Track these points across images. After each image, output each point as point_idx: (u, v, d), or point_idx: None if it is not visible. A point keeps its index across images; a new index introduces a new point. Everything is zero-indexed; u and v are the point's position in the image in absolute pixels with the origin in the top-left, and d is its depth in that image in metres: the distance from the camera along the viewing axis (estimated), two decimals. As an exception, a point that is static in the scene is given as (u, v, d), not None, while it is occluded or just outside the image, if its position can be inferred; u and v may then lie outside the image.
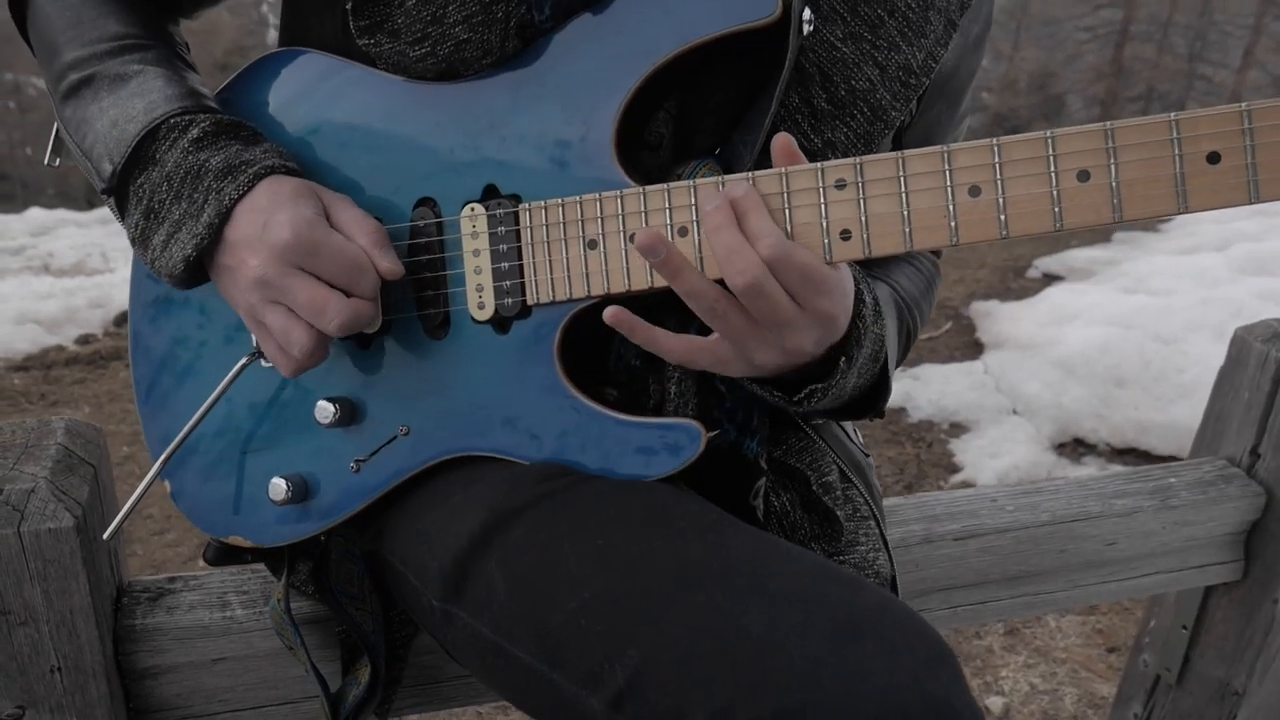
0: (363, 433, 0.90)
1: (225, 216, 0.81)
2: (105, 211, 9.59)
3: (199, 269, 0.85)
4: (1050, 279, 5.37)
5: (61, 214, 9.31)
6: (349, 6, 0.83)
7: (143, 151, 0.84)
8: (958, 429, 3.60)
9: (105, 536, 0.88)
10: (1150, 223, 7.04)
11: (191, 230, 0.82)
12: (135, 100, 0.85)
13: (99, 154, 0.86)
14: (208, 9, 1.03)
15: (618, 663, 0.69)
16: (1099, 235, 6.53)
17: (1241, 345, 1.40)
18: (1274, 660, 1.41)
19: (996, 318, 4.57)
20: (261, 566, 1.04)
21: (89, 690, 0.92)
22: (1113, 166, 0.66)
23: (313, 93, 0.91)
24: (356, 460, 0.90)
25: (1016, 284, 5.32)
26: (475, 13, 0.81)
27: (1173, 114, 0.63)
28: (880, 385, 0.89)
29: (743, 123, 0.86)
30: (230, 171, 0.81)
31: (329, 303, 0.79)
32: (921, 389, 3.82)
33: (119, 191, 0.86)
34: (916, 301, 1.00)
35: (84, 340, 4.88)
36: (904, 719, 0.61)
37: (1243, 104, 0.63)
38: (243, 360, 0.90)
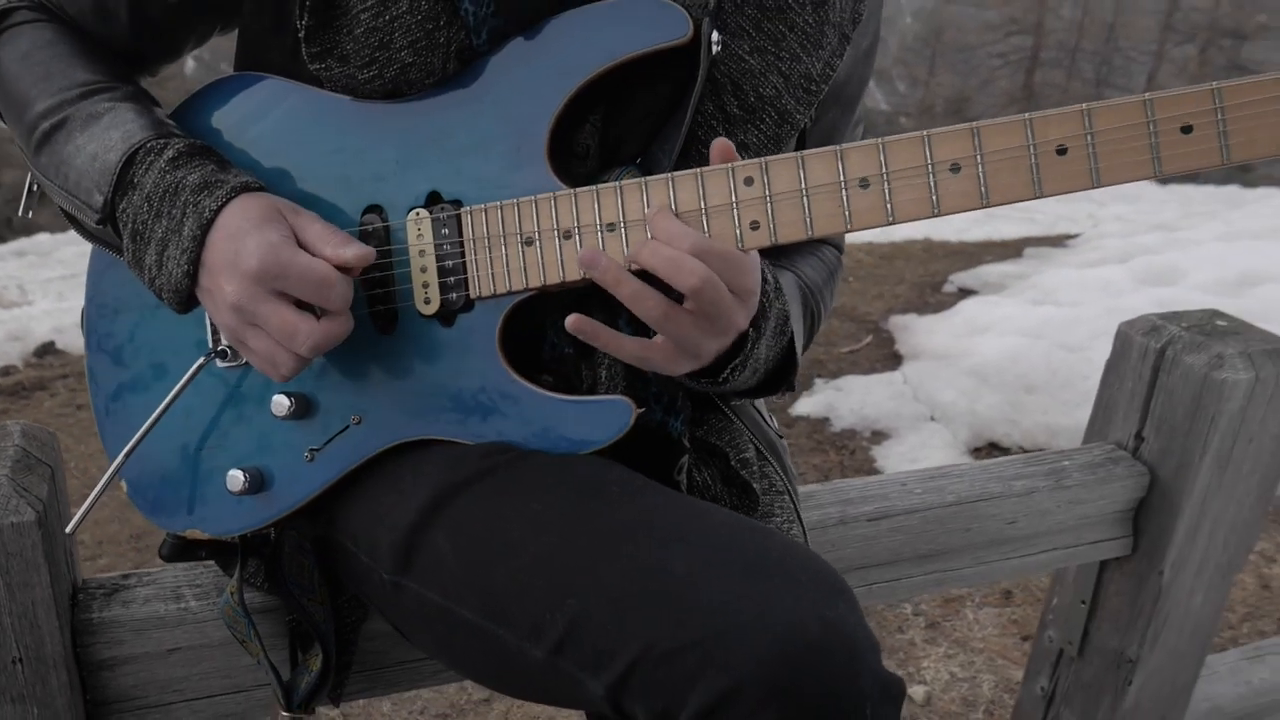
0: (316, 424, 0.96)
1: (206, 227, 0.85)
2: (20, 244, 9.36)
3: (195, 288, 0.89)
4: (965, 293, 5.56)
5: (-26, 247, 9.06)
6: (301, 35, 0.89)
7: (123, 178, 0.89)
8: (879, 436, 3.73)
9: (68, 530, 0.92)
10: (1058, 238, 7.34)
11: (179, 245, 0.86)
12: (111, 132, 0.90)
13: (86, 188, 0.90)
14: (168, 64, 1.08)
15: (558, 612, 0.78)
16: (1011, 251, 6.79)
17: (1124, 339, 1.52)
18: (1163, 628, 1.53)
19: (914, 330, 4.73)
20: (226, 589, 1.09)
21: (49, 680, 0.96)
22: (979, 158, 0.77)
23: (263, 112, 0.97)
24: (311, 450, 0.96)
25: (933, 298, 5.51)
26: (419, 39, 0.88)
27: (1027, 114, 0.75)
28: (788, 360, 0.99)
29: (661, 132, 0.95)
30: (206, 187, 0.86)
31: (298, 329, 0.84)
32: (844, 399, 3.94)
33: (111, 219, 0.90)
34: (819, 288, 1.10)
35: (4, 372, 4.79)
36: (804, 642, 0.71)
37: (1084, 104, 0.75)
38: (199, 361, 0.95)
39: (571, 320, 0.84)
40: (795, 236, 0.82)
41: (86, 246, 1.02)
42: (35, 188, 1.00)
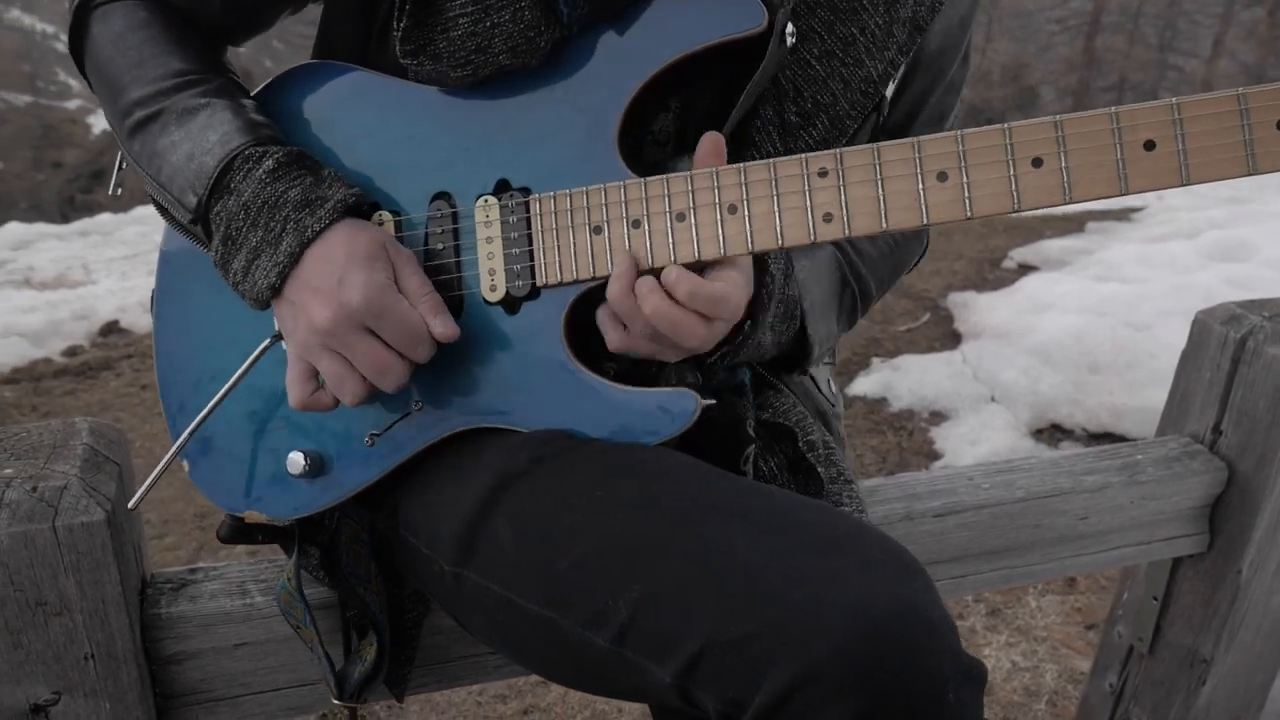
0: (378, 409, 0.97)
1: (305, 246, 0.88)
2: (84, 224, 9.56)
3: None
4: (1025, 269, 5.46)
5: (40, 228, 9.27)
6: (397, 35, 0.89)
7: (220, 183, 0.90)
8: (938, 417, 3.67)
9: (130, 506, 0.93)
10: (1123, 212, 7.15)
11: (272, 258, 0.88)
12: (208, 133, 0.91)
13: (180, 187, 0.92)
14: (258, 35, 1.09)
15: (621, 599, 0.76)
16: (1073, 225, 6.64)
17: (1202, 328, 1.47)
18: (1239, 629, 1.48)
19: (973, 308, 4.66)
20: (279, 556, 1.10)
21: (120, 676, 0.97)
22: (1062, 154, 0.73)
23: (338, 100, 0.99)
24: (371, 434, 0.97)
25: (993, 275, 5.41)
26: (519, 44, 0.88)
27: (1113, 108, 0.71)
28: (803, 342, 1.00)
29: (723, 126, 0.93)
30: (308, 205, 0.88)
31: (391, 367, 0.88)
32: (901, 379, 3.89)
33: (203, 220, 0.92)
34: (873, 262, 1.09)
35: (71, 352, 4.90)
36: (881, 624, 0.68)
37: (1174, 99, 0.72)
38: (265, 342, 0.96)
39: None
40: (869, 230, 0.80)
41: (149, 226, 1.05)
42: (124, 166, 1.02)
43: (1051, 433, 3.50)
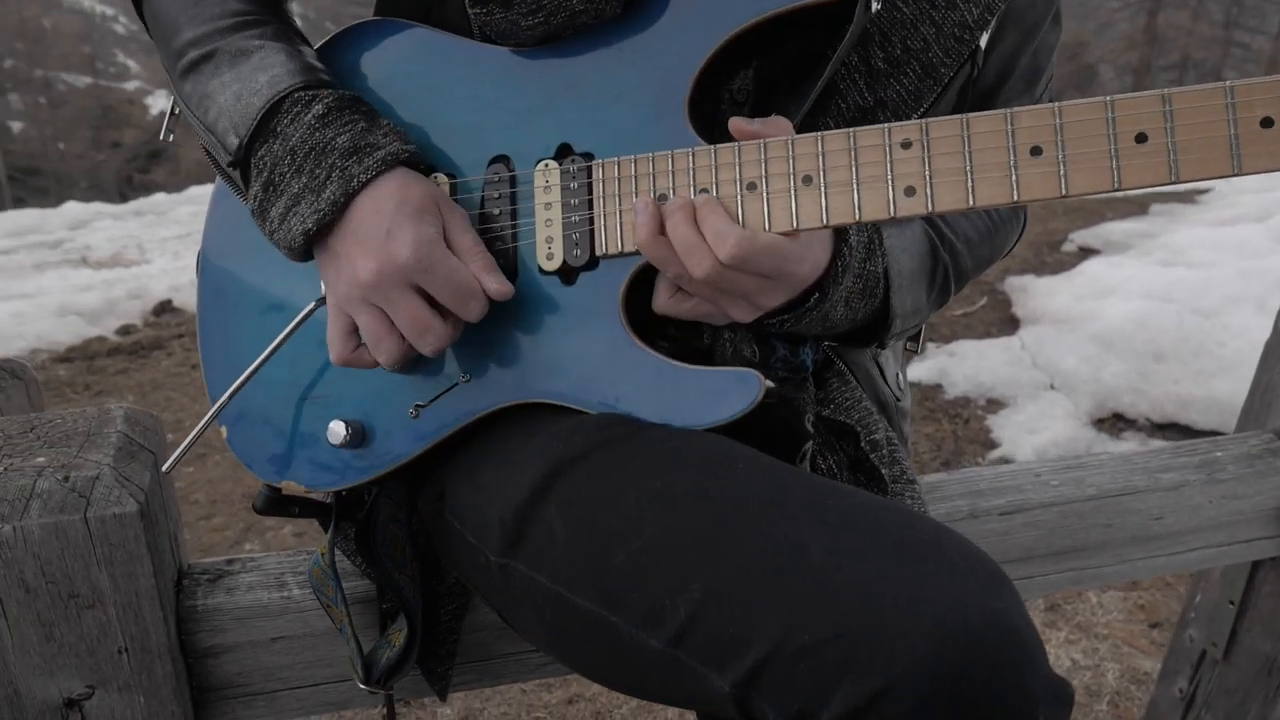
0: (424, 379, 0.93)
1: (351, 196, 0.84)
2: (140, 203, 9.70)
3: (312, 245, 0.88)
4: (1086, 252, 5.31)
5: (97, 207, 9.44)
6: None
7: (265, 125, 0.87)
8: (995, 405, 3.58)
9: (165, 469, 0.91)
10: (1188, 194, 6.94)
11: (312, 205, 0.84)
12: (258, 74, 0.88)
13: (224, 128, 0.89)
14: None
15: (680, 597, 0.70)
16: (1135, 207, 6.45)
17: (1288, 317, 1.38)
18: (1323, 634, 1.40)
19: (1032, 292, 4.53)
20: (317, 549, 1.07)
21: (155, 670, 0.95)
22: (1169, 129, 0.66)
23: (401, 58, 0.95)
24: (416, 405, 0.93)
25: (1052, 258, 5.27)
26: None
27: (1227, 81, 0.64)
28: (882, 318, 0.94)
29: (800, 84, 0.88)
30: (356, 152, 0.84)
31: (431, 327, 0.84)
32: (957, 365, 3.80)
33: (243, 164, 0.89)
34: (971, 241, 1.02)
35: (124, 331, 4.95)
36: (967, 637, 0.62)
37: None
38: (310, 306, 0.93)
39: None
40: (954, 205, 0.74)
41: (203, 206, 1.01)
42: (177, 111, 1.00)
43: (1114, 422, 3.40)
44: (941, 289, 1.00)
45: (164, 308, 5.48)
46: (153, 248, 7.21)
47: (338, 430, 0.93)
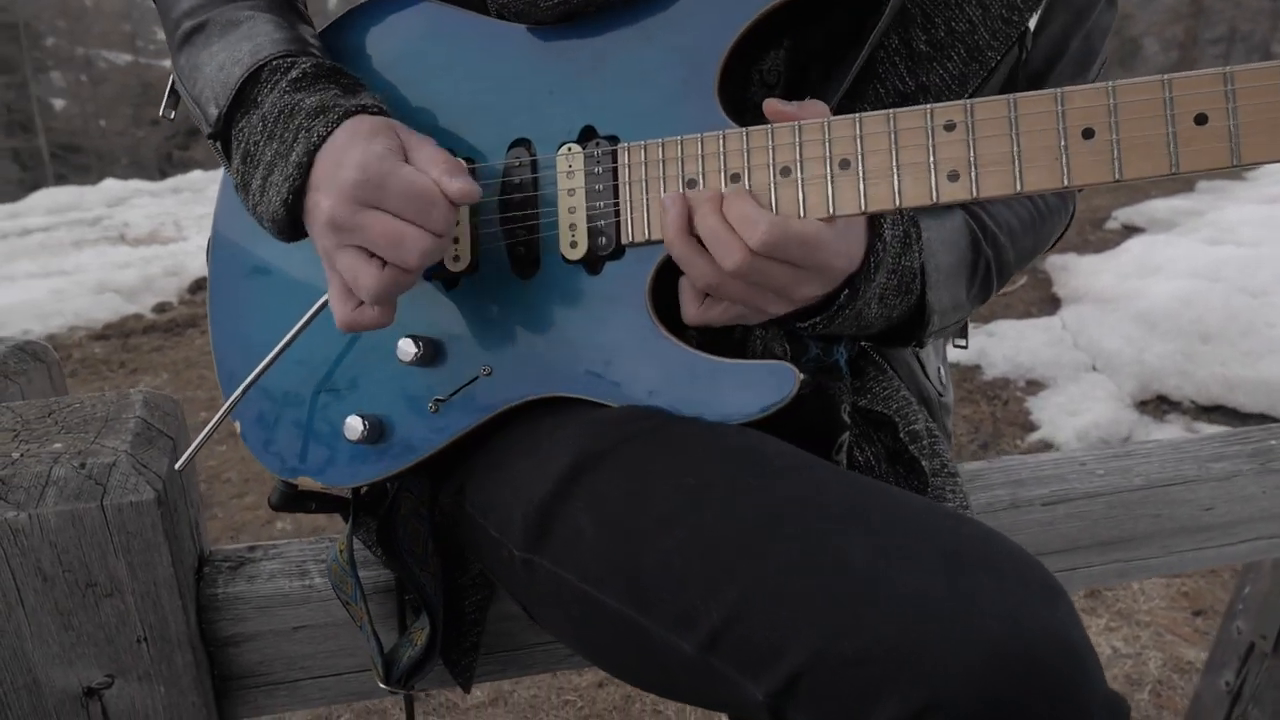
0: (444, 372, 0.90)
1: (313, 152, 0.79)
2: (177, 180, 9.78)
3: (298, 216, 0.83)
4: (1130, 230, 5.20)
5: (135, 184, 9.52)
6: None
7: (244, 95, 0.84)
8: (1035, 386, 3.51)
9: (177, 467, 0.89)
10: (1236, 170, 6.78)
11: (283, 171, 0.81)
12: (243, 44, 0.85)
13: (206, 98, 0.86)
14: None
15: (713, 601, 0.67)
16: (1181, 184, 6.31)
17: (1349, 299, 1.32)
18: (1380, 629, 1.35)
19: (1074, 271, 4.44)
20: (340, 534, 1.04)
21: (174, 659, 0.93)
22: (1231, 110, 0.62)
23: (412, 36, 0.91)
24: (436, 400, 0.90)
25: (1095, 236, 5.16)
26: None
27: (1297, 56, 0.60)
28: (919, 315, 0.89)
29: (836, 66, 0.84)
30: (323, 111, 0.80)
31: (405, 234, 0.77)
32: (996, 345, 3.73)
33: (223, 136, 0.86)
34: (1013, 230, 0.97)
35: (160, 308, 4.99)
36: (1021, 651, 0.58)
37: None
38: (323, 299, 0.90)
39: None
40: (1001, 190, 0.69)
41: None
42: (175, 87, 0.97)
43: (1157, 404, 3.32)
44: (983, 283, 0.95)
45: (200, 285, 5.51)
46: (189, 225, 7.26)
47: (355, 425, 0.91)
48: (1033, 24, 0.86)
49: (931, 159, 0.71)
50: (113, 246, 6.80)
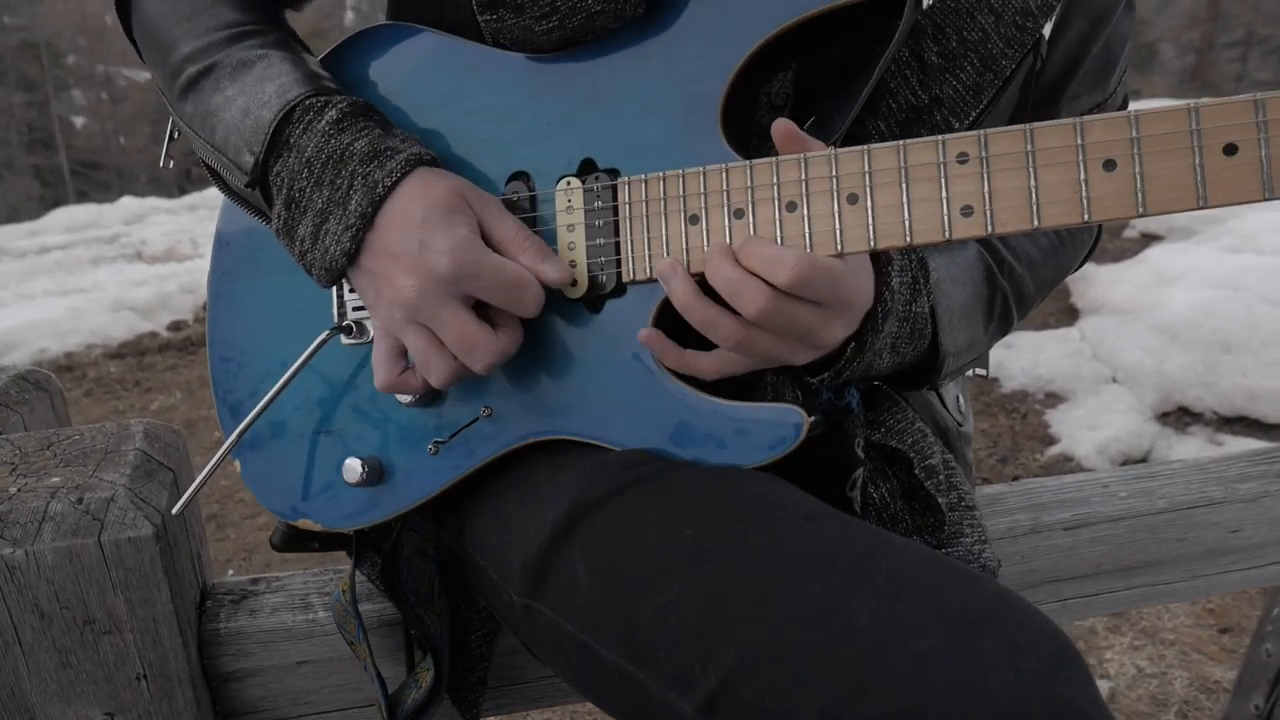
0: (444, 414, 0.88)
1: (378, 204, 0.78)
2: (194, 198, 9.83)
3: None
4: (1149, 239, 5.15)
5: (152, 202, 9.58)
6: None
7: (278, 137, 0.81)
8: (1053, 399, 3.47)
9: (174, 512, 0.87)
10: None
11: (341, 220, 0.79)
12: (264, 85, 0.83)
13: (235, 146, 0.83)
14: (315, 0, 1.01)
15: (710, 662, 0.64)
16: (1200, 191, 6.26)
17: (1377, 314, 1.29)
18: None
19: (1092, 281, 4.40)
20: (345, 568, 1.03)
21: (175, 697, 0.91)
22: (1262, 141, 0.59)
23: (409, 66, 0.89)
24: (435, 442, 0.88)
25: (1113, 245, 5.11)
26: None
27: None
28: (933, 358, 0.86)
29: (845, 84, 0.81)
30: (376, 157, 0.79)
31: (478, 343, 0.77)
32: (1014, 357, 3.69)
33: (261, 182, 0.84)
34: (1031, 260, 0.94)
35: (175, 326, 5.01)
36: None
37: None
38: (322, 335, 0.88)
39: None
40: (1017, 227, 0.66)
41: None
42: (176, 135, 0.95)
43: (1179, 416, 3.28)
44: (1002, 318, 0.93)
45: (215, 302, 5.53)
46: (206, 242, 7.29)
47: (354, 468, 0.89)
48: (1048, 31, 0.83)
49: (944, 193, 0.68)
50: (129, 264, 6.83)
